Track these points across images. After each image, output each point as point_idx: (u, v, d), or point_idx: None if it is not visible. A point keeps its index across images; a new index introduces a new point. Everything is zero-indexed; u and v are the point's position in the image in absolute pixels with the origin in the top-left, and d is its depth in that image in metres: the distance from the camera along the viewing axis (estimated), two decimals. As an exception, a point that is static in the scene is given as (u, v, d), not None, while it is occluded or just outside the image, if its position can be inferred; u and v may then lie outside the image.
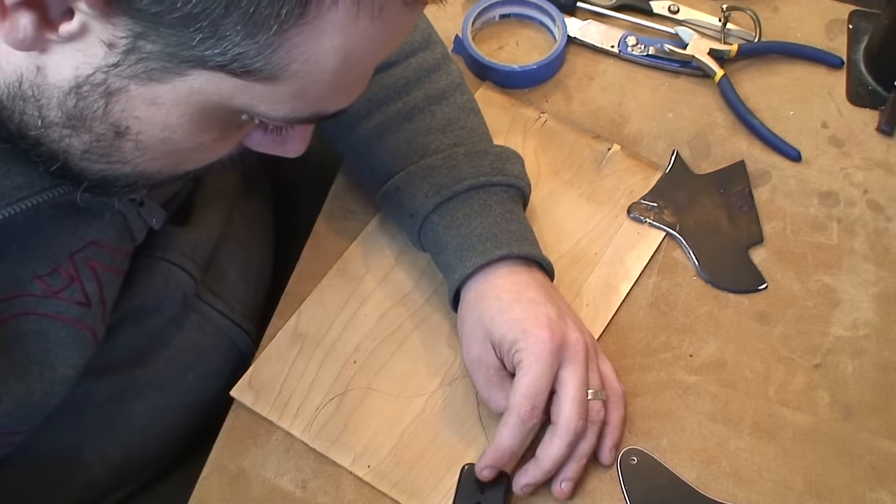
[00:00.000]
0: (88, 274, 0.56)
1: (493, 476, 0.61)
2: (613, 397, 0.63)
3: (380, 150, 0.70)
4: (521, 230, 0.66)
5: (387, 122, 0.70)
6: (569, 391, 0.59)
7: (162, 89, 0.41)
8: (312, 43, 0.39)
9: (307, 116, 0.45)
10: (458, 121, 0.71)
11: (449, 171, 0.67)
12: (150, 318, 0.67)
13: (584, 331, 0.64)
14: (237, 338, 0.73)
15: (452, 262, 0.65)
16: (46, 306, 0.54)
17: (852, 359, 0.68)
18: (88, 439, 0.67)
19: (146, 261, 0.65)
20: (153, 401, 0.69)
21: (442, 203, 0.66)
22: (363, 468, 0.63)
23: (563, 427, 0.59)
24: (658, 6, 0.86)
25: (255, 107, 0.43)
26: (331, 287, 0.71)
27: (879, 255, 0.73)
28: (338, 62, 0.41)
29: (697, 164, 0.78)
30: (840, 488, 0.63)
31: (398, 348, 0.68)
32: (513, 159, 0.70)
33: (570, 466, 0.61)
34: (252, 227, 0.79)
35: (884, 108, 0.79)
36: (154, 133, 0.44)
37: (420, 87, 0.71)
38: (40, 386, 0.55)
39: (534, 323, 0.61)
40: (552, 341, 0.60)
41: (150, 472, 0.74)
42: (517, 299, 0.62)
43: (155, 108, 0.42)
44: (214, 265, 0.72)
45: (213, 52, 0.38)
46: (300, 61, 0.40)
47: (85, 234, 0.56)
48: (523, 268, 0.65)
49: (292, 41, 0.39)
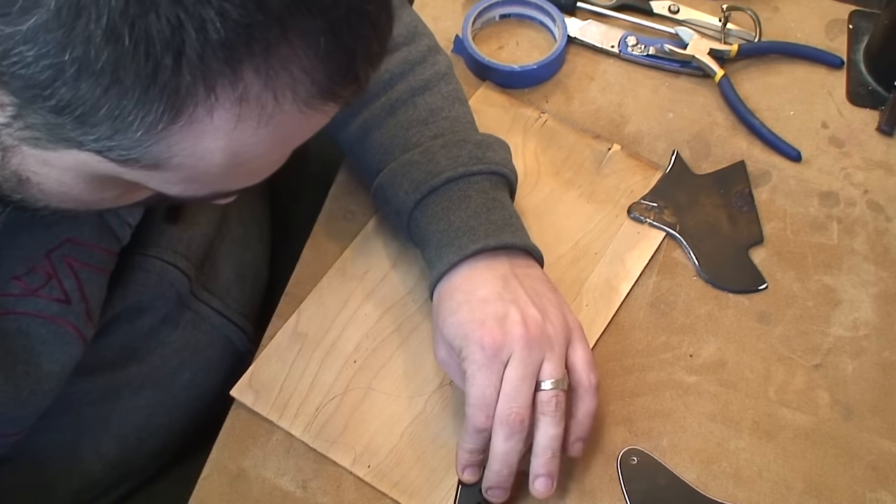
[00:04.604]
0: (66, 271, 0.56)
1: (475, 479, 0.61)
2: (580, 389, 0.60)
3: (368, 147, 0.70)
4: (503, 218, 0.64)
5: (371, 118, 0.70)
6: (504, 387, 0.58)
7: (51, 155, 0.40)
8: (193, 141, 0.37)
9: (206, 195, 0.44)
10: (440, 111, 0.69)
11: (426, 165, 0.66)
12: (144, 315, 0.67)
13: (552, 317, 0.60)
14: (233, 336, 0.73)
15: (433, 258, 0.64)
16: (26, 304, 0.54)
17: (852, 359, 0.68)
18: (85, 436, 0.67)
19: (139, 259, 0.65)
20: (149, 398, 0.69)
21: (422, 199, 0.65)
22: (363, 468, 0.63)
23: (496, 422, 0.58)
24: (658, 6, 0.86)
25: (146, 183, 0.42)
26: (331, 286, 0.71)
27: (879, 255, 0.73)
28: (226, 158, 0.39)
29: (697, 164, 0.78)
30: (840, 488, 0.63)
31: (398, 348, 0.68)
32: (495, 146, 0.68)
33: (535, 463, 0.59)
34: (248, 225, 0.79)
35: (884, 108, 0.79)
36: (53, 186, 0.43)
37: (404, 80, 0.70)
38: (26, 384, 0.55)
39: (475, 327, 0.59)
40: (491, 346, 0.58)
41: (148, 470, 0.74)
42: (466, 300, 0.61)
43: (48, 168, 0.42)
44: (209, 263, 0.72)
45: (87, 139, 0.37)
46: (182, 156, 0.38)
47: (60, 231, 0.56)
48: (503, 259, 0.63)
49: (170, 139, 0.37)
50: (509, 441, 0.58)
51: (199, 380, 0.72)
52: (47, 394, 0.57)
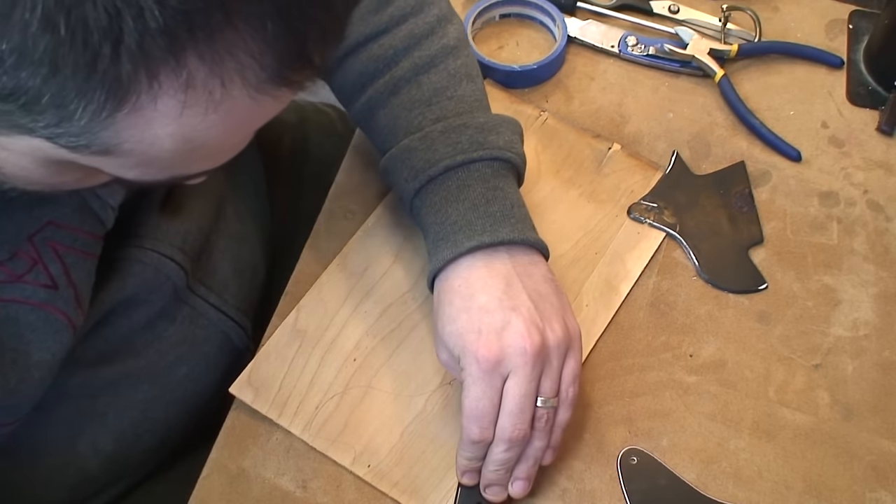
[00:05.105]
0: (51, 256, 0.55)
1: (474, 482, 0.61)
2: (561, 406, 0.60)
3: (374, 126, 0.69)
4: (503, 210, 0.62)
5: (376, 96, 0.68)
6: (506, 403, 0.58)
7: (6, 140, 0.40)
8: (142, 128, 0.37)
9: (165, 179, 0.43)
10: (445, 90, 0.67)
11: (424, 152, 0.64)
12: (140, 309, 0.66)
13: (554, 325, 0.59)
14: (231, 331, 0.73)
15: (431, 251, 0.63)
16: (12, 291, 0.54)
17: (852, 359, 0.68)
18: (81, 431, 0.67)
19: (137, 251, 0.65)
20: (146, 393, 0.69)
21: (420, 188, 0.64)
22: (363, 468, 0.63)
23: (498, 437, 0.58)
24: (658, 6, 0.86)
25: (102, 168, 0.41)
26: (330, 283, 0.71)
27: (879, 255, 0.73)
28: (176, 144, 0.38)
29: (697, 164, 0.78)
30: (840, 488, 0.63)
31: (398, 346, 0.68)
32: (499, 128, 0.65)
33: (519, 467, 0.60)
34: (245, 222, 0.78)
35: (884, 108, 0.79)
36: (14, 170, 0.43)
37: (409, 56, 0.67)
38: (14, 373, 0.54)
39: (474, 338, 0.58)
40: (488, 360, 0.57)
41: (146, 467, 0.74)
42: (465, 307, 0.59)
43: (6, 152, 0.41)
44: (206, 258, 0.72)
45: (36, 126, 0.37)
46: (132, 142, 0.37)
47: (40, 214, 0.55)
48: (504, 255, 0.61)
49: (117, 126, 0.36)
50: (509, 452, 0.58)
51: (197, 375, 0.71)
52: (38, 383, 0.57)
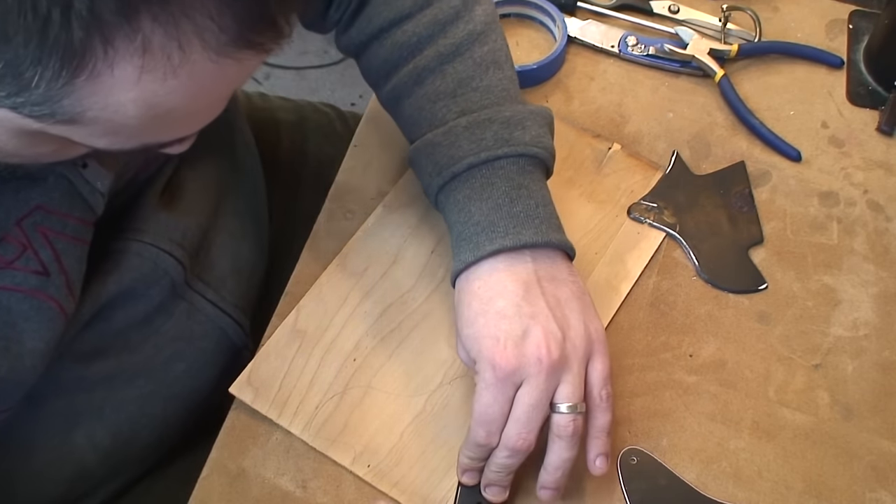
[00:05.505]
0: (41, 241, 0.55)
1: (474, 482, 0.61)
2: (592, 405, 0.59)
3: (400, 115, 0.68)
4: (527, 210, 0.61)
5: (400, 85, 0.67)
6: (515, 410, 0.57)
7: None
8: (102, 95, 0.36)
9: (136, 147, 0.42)
10: (470, 80, 0.65)
11: (448, 148, 0.63)
12: (137, 303, 0.66)
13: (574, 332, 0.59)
14: (228, 328, 0.72)
15: (454, 249, 0.63)
16: (3, 278, 0.53)
17: (852, 359, 0.68)
18: (78, 424, 0.67)
19: (135, 245, 0.65)
20: (142, 388, 0.69)
21: (444, 185, 0.63)
22: (363, 467, 0.63)
23: (502, 443, 0.58)
24: (658, 6, 0.86)
25: (71, 137, 0.41)
26: (330, 283, 0.71)
27: (879, 255, 0.73)
28: (140, 110, 0.38)
29: (697, 164, 0.78)
30: (840, 488, 0.63)
31: (398, 346, 0.68)
32: (525, 122, 0.63)
33: (545, 476, 0.59)
34: (244, 220, 0.78)
35: (884, 108, 0.79)
36: None
37: (433, 44, 0.65)
38: (6, 361, 0.54)
39: (490, 344, 0.57)
40: (503, 368, 0.56)
41: (145, 464, 0.74)
42: (483, 311, 0.59)
43: None
44: (204, 254, 0.72)
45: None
46: (95, 110, 0.37)
47: (28, 198, 0.55)
48: (527, 258, 0.60)
49: (77, 94, 0.36)
50: (511, 458, 0.58)
51: (195, 372, 0.71)
52: (30, 371, 0.56)
